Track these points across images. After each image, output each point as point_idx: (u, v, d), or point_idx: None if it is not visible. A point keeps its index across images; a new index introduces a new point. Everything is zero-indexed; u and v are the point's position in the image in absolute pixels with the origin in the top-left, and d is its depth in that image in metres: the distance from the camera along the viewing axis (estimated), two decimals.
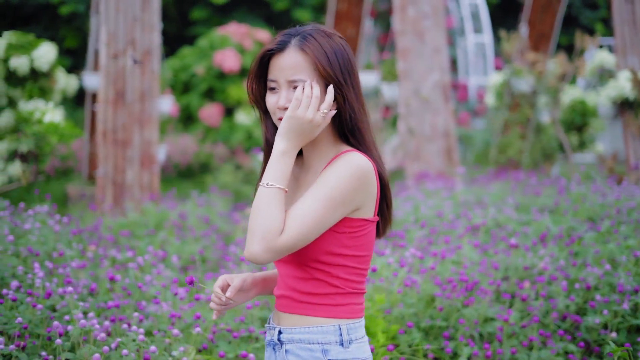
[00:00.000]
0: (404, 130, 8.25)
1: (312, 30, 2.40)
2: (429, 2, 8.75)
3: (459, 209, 5.95)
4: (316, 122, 2.33)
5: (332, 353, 2.37)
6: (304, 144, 2.36)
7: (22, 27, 18.31)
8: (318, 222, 2.30)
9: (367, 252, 2.44)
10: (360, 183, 2.33)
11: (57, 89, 10.90)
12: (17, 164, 10.13)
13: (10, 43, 10.56)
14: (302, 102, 2.32)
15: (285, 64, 2.37)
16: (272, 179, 2.32)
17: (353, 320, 2.42)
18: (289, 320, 2.43)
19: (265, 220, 2.27)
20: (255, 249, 2.26)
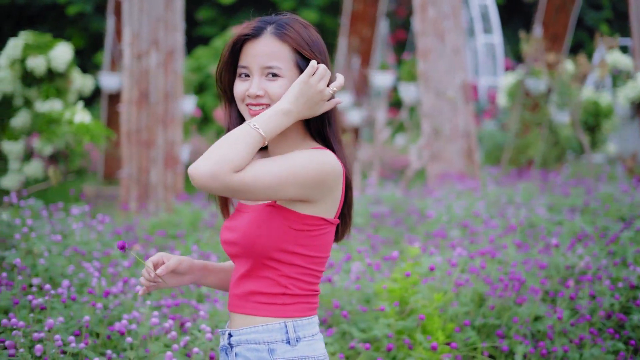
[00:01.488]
0: (428, 131, 8.29)
1: (290, 20, 2.34)
2: (449, 3, 8.80)
3: (491, 209, 6.00)
4: (324, 96, 2.26)
5: (278, 352, 2.30)
6: (305, 115, 2.26)
7: (27, 27, 18.31)
8: (271, 185, 2.18)
9: (322, 254, 2.35)
10: (326, 180, 2.26)
11: (73, 90, 10.94)
12: (33, 164, 10.16)
13: (27, 43, 10.60)
14: (317, 73, 2.25)
15: (261, 51, 2.29)
16: (260, 123, 2.20)
17: (301, 318, 2.34)
18: (238, 321, 2.36)
19: (230, 150, 2.13)
20: (203, 169, 2.11)
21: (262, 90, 2.29)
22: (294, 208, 2.29)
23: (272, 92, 2.28)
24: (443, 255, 4.48)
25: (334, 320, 4.10)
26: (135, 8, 8.14)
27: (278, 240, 2.28)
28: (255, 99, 2.30)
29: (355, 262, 4.47)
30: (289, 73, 2.29)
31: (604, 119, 11.07)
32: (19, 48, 10.55)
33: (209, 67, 10.91)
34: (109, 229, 5.51)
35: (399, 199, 6.63)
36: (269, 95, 2.28)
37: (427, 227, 5.77)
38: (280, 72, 2.28)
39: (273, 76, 2.28)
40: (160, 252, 2.46)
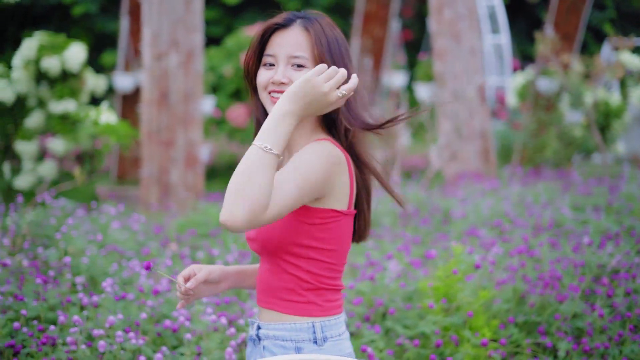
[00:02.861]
0: (447, 131, 8.36)
1: (318, 16, 2.42)
2: (464, 4, 8.86)
3: (517, 208, 6.06)
4: (330, 99, 2.24)
5: (305, 351, 2.36)
6: (308, 115, 2.27)
7: (32, 27, 18.33)
8: (295, 204, 2.23)
9: (338, 247, 2.39)
10: (332, 168, 2.30)
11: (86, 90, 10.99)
12: (47, 164, 10.20)
13: (41, 44, 10.64)
14: (326, 73, 2.24)
15: (289, 40, 2.37)
16: (271, 142, 2.18)
17: (328, 318, 2.39)
18: (266, 315, 2.42)
19: (256, 188, 2.13)
20: (238, 218, 2.12)
21: (287, 78, 2.36)
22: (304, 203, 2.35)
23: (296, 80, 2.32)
24: (478, 254, 4.54)
25: (376, 317, 4.16)
26: (154, 9, 8.19)
27: (292, 234, 2.34)
28: (279, 86, 2.37)
29: (393, 260, 4.53)
30: (312, 64, 2.37)
31: (614, 119, 11.14)
32: (33, 49, 10.60)
33: (222, 68, 10.96)
34: (142, 229, 5.56)
35: (422, 198, 6.69)
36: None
37: (454, 226, 5.83)
38: (306, 62, 2.36)
39: (298, 67, 2.37)
40: (192, 264, 2.55)
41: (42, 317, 3.98)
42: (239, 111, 10.94)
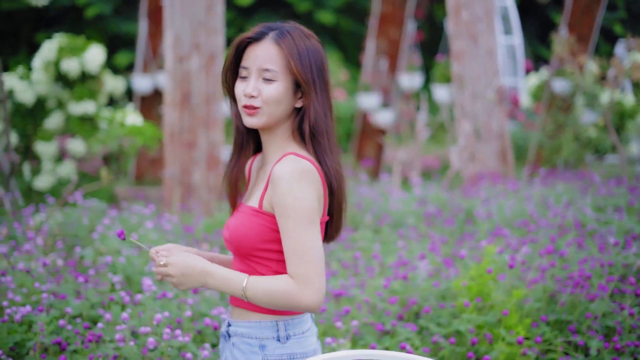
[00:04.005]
0: (466, 132, 8.44)
1: (291, 28, 2.48)
2: (482, 6, 8.94)
3: (539, 209, 6.14)
4: (181, 282, 2.40)
5: (269, 348, 2.46)
6: (198, 275, 2.39)
7: (46, 29, 18.44)
8: (315, 245, 2.36)
9: None
10: (310, 184, 2.38)
11: (104, 91, 11.09)
12: (66, 165, 10.30)
13: (61, 46, 10.73)
14: (169, 282, 2.44)
15: (260, 53, 2.44)
16: (236, 290, 2.39)
17: (292, 317, 2.48)
18: (236, 313, 2.53)
19: (280, 299, 2.36)
20: (307, 306, 2.35)
21: (257, 91, 2.44)
22: (274, 212, 2.44)
23: (265, 94, 2.43)
24: (506, 254, 4.62)
25: (410, 316, 4.24)
26: (176, 12, 8.28)
27: (264, 241, 2.44)
28: (250, 100, 2.45)
29: (424, 259, 4.61)
30: (283, 78, 2.44)
31: (628, 120, 11.21)
32: (53, 50, 10.69)
33: None
34: (172, 229, 5.65)
35: (444, 198, 6.77)
36: (262, 97, 2.44)
37: (478, 226, 5.90)
38: (276, 76, 2.43)
39: (267, 80, 2.44)
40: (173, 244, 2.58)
41: (85, 315, 4.07)
42: None
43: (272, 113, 2.45)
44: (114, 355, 3.62)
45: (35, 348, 3.78)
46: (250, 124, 2.48)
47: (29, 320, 4.00)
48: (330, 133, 2.49)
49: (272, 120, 2.47)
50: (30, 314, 3.94)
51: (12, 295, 4.09)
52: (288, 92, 2.45)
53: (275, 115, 2.46)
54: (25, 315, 3.93)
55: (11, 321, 3.93)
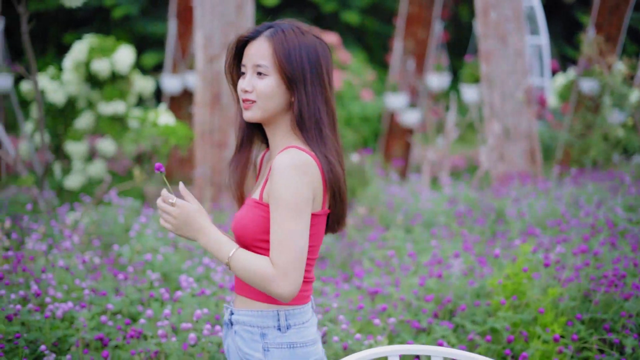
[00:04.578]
0: (496, 132, 8.45)
1: (286, 25, 2.58)
2: (510, 6, 8.94)
3: (570, 209, 6.15)
4: (176, 225, 2.48)
5: (269, 337, 2.52)
6: (196, 229, 2.48)
7: (74, 29, 18.59)
8: (299, 237, 2.42)
9: (314, 243, 2.55)
10: (304, 178, 2.43)
11: (134, 91, 11.18)
12: (96, 165, 10.40)
13: (91, 47, 10.84)
14: (164, 222, 2.51)
15: (254, 50, 2.54)
16: (222, 256, 2.47)
17: (294, 307, 2.54)
18: (238, 301, 2.61)
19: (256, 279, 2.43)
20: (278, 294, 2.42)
21: (251, 86, 2.53)
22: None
23: (258, 88, 2.52)
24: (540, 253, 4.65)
25: (445, 313, 4.28)
26: (207, 12, 8.35)
27: (260, 231, 2.50)
28: (245, 94, 2.54)
29: (457, 258, 4.64)
30: (274, 72, 2.52)
31: None
32: (83, 51, 10.80)
33: None
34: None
35: (474, 198, 6.79)
36: (256, 92, 2.53)
37: (510, 225, 5.93)
38: (267, 70, 2.52)
39: (260, 74, 2.52)
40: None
41: (125, 312, 4.14)
42: None
43: (266, 107, 2.53)
44: (155, 350, 3.69)
45: (78, 343, 3.85)
46: (247, 118, 2.56)
47: (70, 316, 4.08)
48: (324, 126, 2.53)
49: (267, 114, 2.55)
50: (72, 310, 4.01)
51: (54, 292, 4.17)
52: (280, 86, 2.53)
53: (269, 109, 2.54)
54: (67, 311, 4.01)
55: (53, 317, 4.00)
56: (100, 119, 10.86)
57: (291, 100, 2.54)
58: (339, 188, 2.54)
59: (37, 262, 4.84)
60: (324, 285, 4.58)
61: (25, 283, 4.40)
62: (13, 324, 3.89)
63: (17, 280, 4.37)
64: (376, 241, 5.65)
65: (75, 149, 10.70)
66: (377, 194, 7.00)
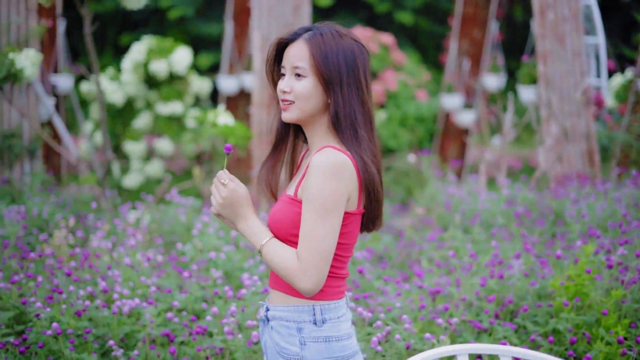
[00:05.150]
0: (554, 133, 8.40)
1: (325, 28, 2.62)
2: (568, 6, 8.88)
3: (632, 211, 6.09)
4: (222, 205, 2.57)
5: (305, 331, 2.57)
6: (239, 213, 2.57)
7: (131, 31, 18.84)
8: (326, 236, 2.48)
9: (346, 241, 2.60)
10: (339, 178, 2.48)
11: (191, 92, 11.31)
12: (153, 164, 10.55)
13: (150, 48, 11.00)
14: (212, 200, 2.60)
15: (293, 52, 2.60)
16: (256, 243, 2.57)
17: (329, 302, 2.60)
18: (274, 297, 2.67)
19: (282, 271, 2.51)
20: (299, 288, 2.50)
21: (289, 87, 2.59)
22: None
23: (296, 89, 2.58)
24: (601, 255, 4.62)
25: (506, 314, 4.28)
26: (264, 13, 8.42)
27: (294, 227, 2.56)
28: (283, 95, 2.61)
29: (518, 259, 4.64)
30: (311, 74, 2.58)
31: None
32: (142, 52, 10.96)
33: None
34: None
35: (532, 199, 6.76)
36: (294, 93, 2.59)
37: (569, 227, 5.89)
38: (305, 72, 2.58)
39: (298, 76, 2.59)
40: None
41: (189, 308, 4.21)
42: None
43: (304, 108, 2.59)
44: (221, 347, 3.75)
45: (145, 339, 3.93)
46: (285, 118, 2.63)
47: (137, 312, 4.16)
48: (359, 127, 2.58)
49: (304, 115, 2.60)
50: (139, 306, 4.10)
51: (120, 289, 4.26)
52: (317, 88, 2.58)
53: (306, 110, 2.60)
54: (134, 308, 4.09)
55: (120, 313, 4.10)
56: (158, 119, 11.02)
57: (328, 102, 2.59)
58: (374, 188, 2.58)
59: (102, 260, 4.95)
60: (385, 284, 4.61)
61: (92, 280, 4.50)
62: (82, 319, 3.99)
63: (84, 276, 4.48)
64: (435, 241, 5.66)
65: (134, 148, 10.87)
66: (434, 194, 7.01)
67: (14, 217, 5.83)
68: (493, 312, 4.23)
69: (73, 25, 14.86)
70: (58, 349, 3.82)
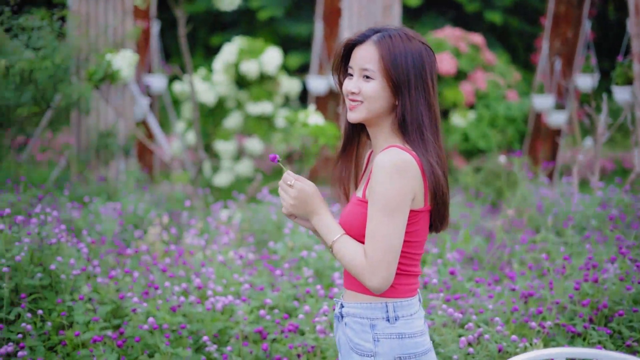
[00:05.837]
0: None
1: (394, 31, 2.63)
2: None
3: None
4: (294, 205, 2.61)
5: (378, 327, 2.59)
6: (311, 209, 2.61)
7: (221, 31, 19.10)
8: (392, 235, 2.49)
9: (416, 239, 2.61)
10: (403, 177, 2.50)
11: (281, 92, 11.41)
12: (243, 163, 10.68)
13: (241, 49, 11.14)
14: (282, 202, 2.66)
15: (361, 54, 2.61)
16: (328, 239, 2.60)
17: (401, 299, 2.61)
18: (348, 295, 2.68)
19: (352, 268, 2.54)
20: (368, 286, 2.51)
21: (357, 88, 2.61)
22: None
23: (364, 91, 2.60)
24: None
25: (600, 318, 4.21)
26: (354, 14, 8.45)
27: (364, 229, 2.57)
28: (352, 95, 2.62)
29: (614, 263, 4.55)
30: (380, 76, 2.59)
31: None
32: (233, 53, 11.11)
33: None
34: None
35: (627, 201, 6.62)
36: (362, 94, 2.60)
37: None
38: (373, 74, 2.60)
39: (366, 78, 2.60)
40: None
41: (281, 306, 4.26)
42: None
43: (371, 108, 2.60)
44: (312, 345, 3.79)
45: (238, 336, 4.00)
46: (351, 118, 2.64)
47: (230, 309, 4.23)
48: (425, 129, 2.60)
49: (370, 116, 2.62)
50: (232, 303, 4.17)
51: (214, 286, 4.33)
52: (385, 90, 2.60)
53: (373, 111, 2.61)
54: (227, 304, 4.16)
55: (213, 310, 4.17)
56: (248, 118, 11.15)
57: (394, 104, 2.62)
58: (440, 190, 2.60)
59: (196, 257, 5.05)
60: (476, 286, 4.58)
61: (186, 276, 4.60)
62: (176, 315, 4.08)
63: (178, 273, 4.58)
64: (526, 243, 5.60)
65: (225, 147, 11.04)
66: (525, 195, 6.92)
67: (110, 214, 5.99)
68: (587, 317, 4.16)
69: (166, 26, 15.15)
70: (154, 343, 3.91)
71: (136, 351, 3.92)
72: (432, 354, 2.67)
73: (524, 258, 5.28)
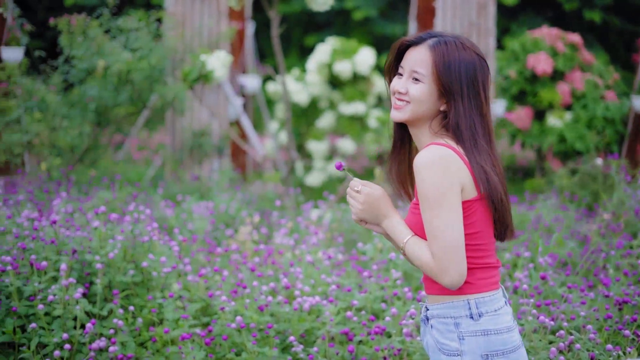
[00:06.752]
0: None
1: (450, 38, 2.63)
2: None
3: None
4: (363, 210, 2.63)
5: (463, 325, 2.58)
6: (381, 213, 2.61)
7: (315, 31, 19.20)
8: (448, 229, 2.48)
9: (481, 228, 2.58)
10: (444, 170, 2.49)
11: (374, 92, 11.39)
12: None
13: (334, 49, 11.16)
14: (351, 209, 2.67)
15: (415, 56, 2.61)
16: (399, 241, 2.60)
17: (483, 294, 2.59)
18: (430, 299, 2.68)
19: (424, 269, 2.54)
20: (443, 283, 2.52)
21: (405, 89, 2.62)
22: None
23: (411, 92, 2.61)
24: None
25: None
26: (448, 13, 8.37)
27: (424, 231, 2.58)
28: (399, 95, 2.64)
29: None
30: (429, 81, 2.60)
31: None
32: (327, 53, 11.15)
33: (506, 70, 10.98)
34: None
35: None
36: (410, 95, 2.62)
37: None
38: (422, 78, 2.60)
39: (415, 80, 2.61)
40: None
41: (368, 308, 4.25)
42: (521, 113, 10.91)
43: (415, 110, 2.62)
44: (399, 348, 3.76)
45: (324, 337, 4.00)
46: (394, 117, 2.67)
47: (317, 309, 4.24)
48: (479, 137, 2.59)
49: (414, 117, 2.64)
50: (319, 304, 4.17)
51: (301, 286, 4.35)
52: (432, 94, 2.61)
53: (417, 113, 2.62)
54: (314, 305, 4.17)
55: (300, 310, 4.18)
56: (340, 118, 11.18)
57: (439, 109, 2.62)
58: (498, 198, 2.59)
59: (285, 256, 5.07)
60: (569, 292, 4.48)
61: (274, 276, 4.62)
62: (264, 314, 4.11)
63: (267, 272, 4.61)
64: (623, 249, 5.44)
65: (317, 147, 11.09)
66: (623, 199, 6.73)
67: (202, 212, 6.07)
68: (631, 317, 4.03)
69: (261, 27, 15.29)
70: (241, 342, 3.94)
71: (223, 349, 3.96)
72: (522, 351, 2.63)
73: (619, 264, 5.13)
